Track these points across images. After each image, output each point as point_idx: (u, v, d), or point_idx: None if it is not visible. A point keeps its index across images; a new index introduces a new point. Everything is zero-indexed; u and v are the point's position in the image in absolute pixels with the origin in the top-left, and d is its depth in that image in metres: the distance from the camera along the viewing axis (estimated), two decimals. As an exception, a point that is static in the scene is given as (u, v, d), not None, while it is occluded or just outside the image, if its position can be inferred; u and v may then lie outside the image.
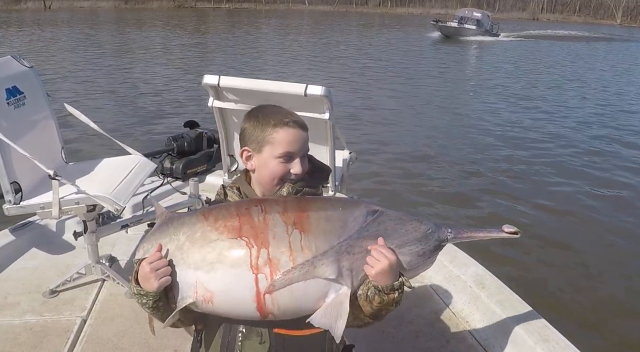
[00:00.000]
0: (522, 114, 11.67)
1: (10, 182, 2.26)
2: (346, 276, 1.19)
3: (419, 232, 1.25)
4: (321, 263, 1.16)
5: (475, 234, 1.31)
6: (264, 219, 1.18)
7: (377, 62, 20.51)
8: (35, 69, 2.66)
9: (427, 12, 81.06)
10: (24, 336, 2.27)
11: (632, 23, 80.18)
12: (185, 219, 1.26)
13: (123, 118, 9.46)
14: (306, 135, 1.37)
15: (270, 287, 1.14)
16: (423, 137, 9.34)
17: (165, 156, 3.72)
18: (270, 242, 1.15)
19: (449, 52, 26.82)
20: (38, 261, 2.89)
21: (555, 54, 27.95)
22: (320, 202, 1.27)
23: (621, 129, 10.68)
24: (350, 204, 1.28)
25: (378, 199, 5.93)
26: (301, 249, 1.15)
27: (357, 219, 1.22)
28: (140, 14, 49.85)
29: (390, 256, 1.19)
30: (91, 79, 13.39)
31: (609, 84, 17.44)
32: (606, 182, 7.44)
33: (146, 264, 1.21)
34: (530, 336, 2.14)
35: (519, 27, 51.65)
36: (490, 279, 2.58)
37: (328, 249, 1.17)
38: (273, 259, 1.14)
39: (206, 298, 1.18)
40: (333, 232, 1.19)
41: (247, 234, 1.16)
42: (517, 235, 1.27)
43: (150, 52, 20.22)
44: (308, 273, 1.15)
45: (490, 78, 17.62)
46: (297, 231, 1.17)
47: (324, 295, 1.18)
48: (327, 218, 1.21)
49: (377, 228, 1.22)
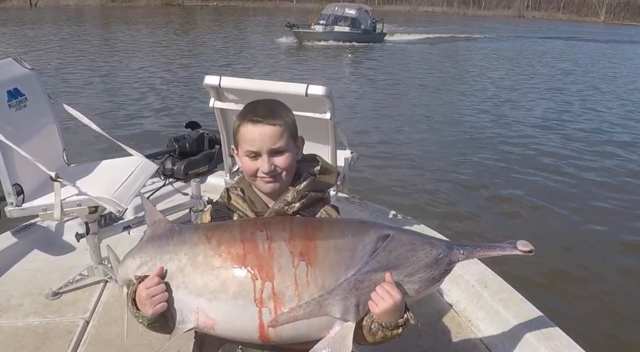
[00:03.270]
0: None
1: (12, 184, 2.24)
2: (352, 310, 1.15)
3: (430, 258, 1.19)
4: (327, 302, 1.12)
5: (488, 252, 1.24)
6: (269, 248, 1.13)
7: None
8: (37, 71, 2.66)
9: (415, 10, 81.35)
10: (27, 338, 2.25)
11: (615, 20, 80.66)
12: (187, 238, 1.21)
13: (123, 119, 9.39)
14: (274, 131, 1.26)
15: (274, 322, 1.11)
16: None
17: (167, 157, 3.69)
18: (275, 275, 1.11)
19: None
20: (40, 263, 2.86)
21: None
22: (328, 229, 1.20)
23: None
24: (360, 230, 1.20)
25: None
26: (307, 284, 1.11)
27: (366, 246, 1.16)
28: (129, 12, 49.24)
29: (395, 295, 1.13)
30: (89, 80, 13.26)
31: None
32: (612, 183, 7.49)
33: (143, 288, 1.17)
34: (533, 335, 2.12)
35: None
36: (493, 278, 2.56)
37: (336, 287, 1.12)
38: (278, 294, 1.10)
39: (207, 325, 1.16)
40: (341, 264, 1.13)
41: (252, 264, 1.12)
42: (531, 254, 1.19)
43: (150, 52, 20.00)
44: (313, 312, 1.11)
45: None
46: (303, 263, 1.12)
47: (328, 327, 1.15)
48: (335, 248, 1.15)
49: (388, 257, 1.16)
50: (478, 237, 5.27)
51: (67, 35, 25.26)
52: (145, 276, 1.22)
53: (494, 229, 5.71)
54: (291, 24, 27.05)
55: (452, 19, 65.11)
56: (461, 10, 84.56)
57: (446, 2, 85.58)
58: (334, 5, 30.58)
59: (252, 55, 20.52)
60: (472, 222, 5.80)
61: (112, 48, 20.87)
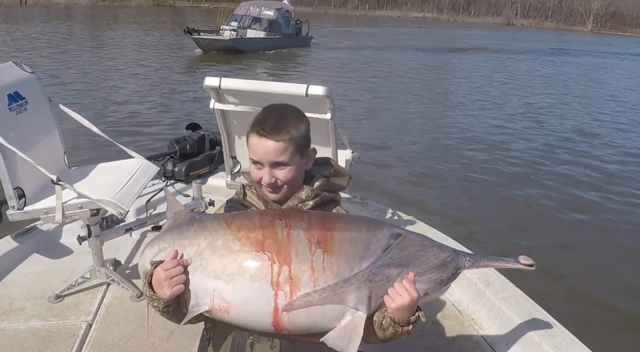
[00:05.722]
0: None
1: (14, 187, 2.21)
2: (365, 302, 1.17)
3: (439, 260, 1.23)
4: (342, 290, 1.14)
5: (492, 263, 1.32)
6: (287, 235, 1.15)
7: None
8: (37, 75, 2.65)
9: (406, 15, 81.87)
10: (30, 341, 2.22)
11: (602, 29, 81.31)
12: (207, 224, 1.23)
13: (124, 122, 9.35)
14: (277, 146, 1.27)
15: (289, 306, 1.11)
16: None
17: (168, 159, 3.66)
18: (293, 260, 1.12)
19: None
20: (42, 266, 2.82)
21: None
22: (344, 222, 1.22)
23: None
24: (374, 226, 1.23)
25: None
26: (323, 270, 1.13)
27: (380, 242, 1.19)
28: (120, 12, 48.78)
29: (413, 292, 1.17)
30: (87, 82, 13.20)
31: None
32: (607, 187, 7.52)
33: (161, 270, 1.18)
34: (536, 332, 2.10)
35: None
36: (495, 276, 2.54)
37: (351, 277, 1.14)
38: (294, 277, 1.12)
39: (222, 308, 1.16)
40: (356, 255, 1.16)
41: (270, 249, 1.14)
42: (532, 268, 1.26)
43: (148, 51, 19.98)
44: (327, 298, 1.13)
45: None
46: (320, 250, 1.14)
47: (340, 316, 1.17)
48: (350, 240, 1.17)
49: (400, 254, 1.19)
50: (478, 238, 5.28)
51: (60, 34, 24.57)
52: (162, 261, 1.22)
53: (494, 229, 5.71)
54: (190, 29, 21.18)
55: (430, 24, 64.82)
56: (451, 17, 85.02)
57: (436, 9, 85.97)
58: (249, 4, 24.63)
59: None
60: (472, 223, 5.79)
61: (110, 48, 20.61)
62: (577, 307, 4.16)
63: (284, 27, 24.76)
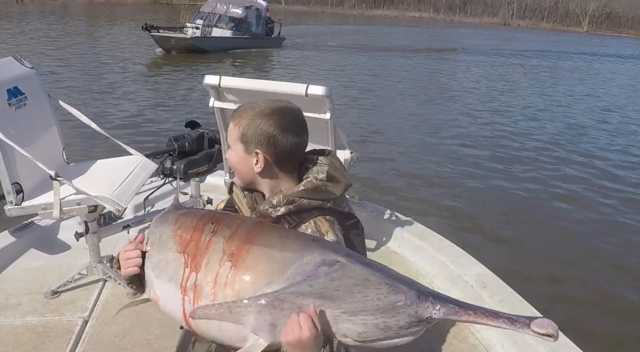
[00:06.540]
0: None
1: (12, 183, 2.20)
2: (266, 329, 1.02)
3: (384, 302, 0.97)
4: (238, 310, 1.02)
5: (484, 319, 0.92)
6: (209, 241, 1.11)
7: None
8: (37, 70, 2.64)
9: (402, 15, 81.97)
10: (26, 336, 2.21)
11: (597, 31, 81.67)
12: (168, 218, 1.25)
13: (123, 118, 9.29)
14: (230, 126, 1.30)
15: (191, 313, 1.08)
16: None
17: (167, 157, 3.64)
18: (202, 268, 1.08)
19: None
20: (39, 262, 2.81)
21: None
22: (272, 237, 1.09)
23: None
24: (304, 248, 1.05)
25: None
26: (224, 285, 1.05)
27: (304, 266, 1.02)
28: (118, 9, 48.33)
29: (306, 330, 0.96)
30: (85, 78, 13.12)
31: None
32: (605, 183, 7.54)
33: (123, 251, 1.26)
34: (532, 336, 2.13)
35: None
36: (492, 279, 2.55)
37: (251, 298, 1.01)
38: (198, 286, 1.08)
39: (154, 299, 1.19)
40: (265, 276, 1.03)
41: (190, 252, 1.12)
42: (551, 339, 0.87)
43: (145, 49, 19.79)
44: (224, 316, 1.04)
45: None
46: (229, 263, 1.06)
47: (242, 338, 1.07)
48: (268, 258, 1.04)
49: (326, 286, 0.99)
50: (477, 239, 5.27)
51: (58, 31, 24.19)
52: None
53: (494, 229, 5.71)
54: (149, 26, 19.05)
55: (426, 23, 64.80)
56: (448, 16, 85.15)
57: (433, 8, 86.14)
58: (216, 1, 22.58)
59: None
60: (471, 224, 5.77)
61: (107, 45, 20.42)
62: (573, 310, 4.16)
63: (254, 27, 22.95)
